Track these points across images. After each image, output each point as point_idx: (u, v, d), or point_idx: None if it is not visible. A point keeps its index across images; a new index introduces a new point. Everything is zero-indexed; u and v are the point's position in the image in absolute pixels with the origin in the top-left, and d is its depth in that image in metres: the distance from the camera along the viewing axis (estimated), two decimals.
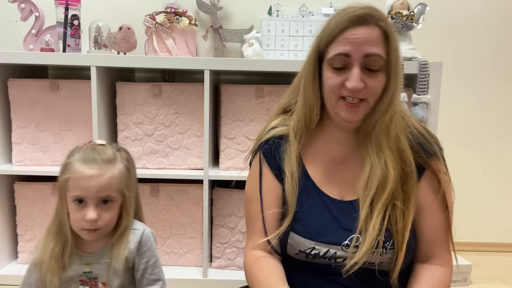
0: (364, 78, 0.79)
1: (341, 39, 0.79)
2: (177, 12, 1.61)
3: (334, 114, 0.85)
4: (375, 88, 0.81)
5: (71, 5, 1.52)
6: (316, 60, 0.84)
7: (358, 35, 0.78)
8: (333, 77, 0.81)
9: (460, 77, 1.96)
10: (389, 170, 0.82)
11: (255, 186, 0.92)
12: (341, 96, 0.81)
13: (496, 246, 2.06)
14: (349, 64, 0.80)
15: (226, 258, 1.63)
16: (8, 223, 1.62)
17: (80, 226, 0.87)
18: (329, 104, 0.84)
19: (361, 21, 0.78)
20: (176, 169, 1.60)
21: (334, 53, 0.80)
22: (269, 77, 1.77)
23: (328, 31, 0.81)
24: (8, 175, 1.58)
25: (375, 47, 0.78)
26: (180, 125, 1.58)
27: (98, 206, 0.87)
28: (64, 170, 0.89)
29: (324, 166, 0.91)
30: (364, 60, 0.79)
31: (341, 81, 0.80)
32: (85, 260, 0.92)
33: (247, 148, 1.58)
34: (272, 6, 1.71)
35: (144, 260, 0.94)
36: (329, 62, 0.81)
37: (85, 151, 0.89)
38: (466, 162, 1.99)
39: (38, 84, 1.57)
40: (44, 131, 1.59)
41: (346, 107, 0.82)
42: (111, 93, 1.60)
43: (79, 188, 0.86)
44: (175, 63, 1.51)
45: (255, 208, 0.91)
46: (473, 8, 1.92)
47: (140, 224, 0.97)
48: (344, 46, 0.78)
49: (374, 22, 0.79)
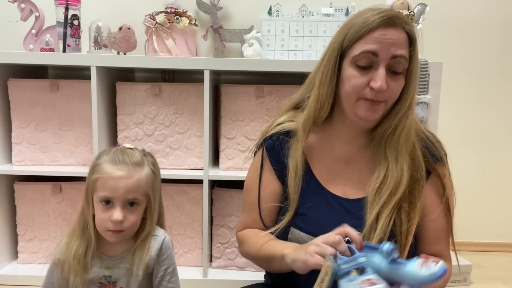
0: (387, 79, 0.79)
1: (370, 37, 0.79)
2: (177, 12, 1.61)
3: (351, 112, 0.84)
4: (397, 91, 0.82)
5: (71, 5, 1.52)
6: (337, 57, 0.83)
7: (388, 35, 0.78)
8: (357, 76, 0.81)
9: (460, 77, 1.96)
10: (404, 175, 0.83)
11: (255, 179, 0.96)
12: (362, 96, 0.81)
13: (496, 246, 2.06)
14: (374, 64, 0.80)
15: (226, 258, 1.63)
16: (8, 223, 1.62)
17: (106, 227, 0.88)
18: (347, 102, 0.84)
19: (391, 22, 0.79)
20: (176, 169, 1.60)
21: (361, 50, 0.79)
22: (269, 77, 1.77)
23: (355, 29, 0.81)
24: (8, 175, 1.58)
25: (402, 49, 0.80)
26: (180, 125, 1.58)
27: (124, 208, 0.88)
28: (93, 171, 0.90)
29: (328, 164, 0.91)
30: (390, 61, 0.79)
31: (365, 81, 0.80)
32: (106, 264, 0.93)
33: (247, 148, 1.58)
34: (272, 6, 1.71)
35: (163, 267, 0.96)
36: (354, 60, 0.81)
37: (114, 153, 0.91)
38: (466, 162, 1.99)
39: (38, 84, 1.57)
40: (44, 131, 1.59)
41: (367, 106, 0.81)
42: (111, 93, 1.60)
43: (107, 189, 0.87)
44: (175, 63, 1.51)
45: (251, 198, 0.96)
46: (473, 8, 1.92)
47: (161, 231, 0.99)
48: (373, 45, 0.79)
49: (401, 25, 0.80)
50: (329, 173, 0.91)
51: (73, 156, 1.60)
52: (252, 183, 0.97)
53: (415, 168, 0.85)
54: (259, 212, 0.94)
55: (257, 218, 0.95)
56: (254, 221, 0.96)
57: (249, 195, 0.97)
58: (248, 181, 0.99)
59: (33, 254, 1.62)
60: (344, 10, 1.71)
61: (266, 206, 0.93)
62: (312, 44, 1.69)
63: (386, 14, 0.79)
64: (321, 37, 1.69)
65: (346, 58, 0.82)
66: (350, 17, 0.85)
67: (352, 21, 0.83)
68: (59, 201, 1.60)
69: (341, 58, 0.84)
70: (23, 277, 1.53)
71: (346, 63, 0.83)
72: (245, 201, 1.00)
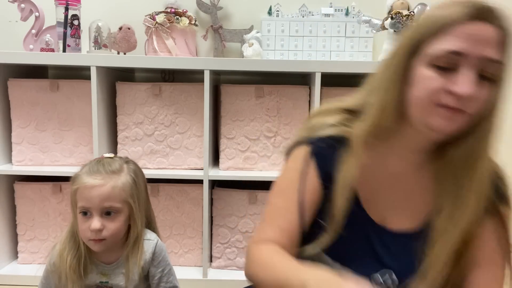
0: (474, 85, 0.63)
1: (455, 32, 0.63)
2: (177, 12, 1.61)
3: (420, 121, 0.68)
4: (483, 101, 0.65)
5: (71, 5, 1.52)
6: (410, 55, 0.68)
7: (479, 32, 0.63)
8: (435, 77, 0.65)
9: None
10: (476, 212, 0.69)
11: (293, 182, 0.75)
12: (438, 102, 0.65)
13: None
14: (457, 66, 0.64)
15: (226, 258, 1.63)
16: (8, 223, 1.62)
17: (87, 236, 0.89)
18: (419, 110, 0.67)
19: (482, 16, 0.63)
20: (176, 169, 1.60)
21: (443, 48, 0.64)
22: (269, 77, 1.77)
23: (435, 20, 0.65)
24: (8, 175, 1.58)
25: (496, 52, 0.63)
26: (180, 125, 1.58)
27: (102, 216, 0.88)
28: (72, 182, 0.92)
29: (373, 179, 0.76)
30: (479, 64, 0.63)
31: (444, 84, 0.64)
32: (102, 270, 0.94)
33: (247, 148, 1.59)
34: (272, 6, 1.71)
35: (160, 269, 0.98)
36: (431, 58, 0.65)
37: (91, 163, 0.93)
38: None
39: (38, 84, 1.57)
40: (44, 131, 1.59)
41: (445, 114, 0.65)
42: (111, 93, 1.60)
43: (83, 199, 0.88)
44: (175, 63, 1.51)
45: (284, 203, 0.75)
46: None
47: (153, 235, 1.00)
48: (459, 43, 0.63)
49: (497, 20, 0.64)
50: (371, 191, 0.76)
51: (73, 156, 1.60)
52: (289, 186, 0.76)
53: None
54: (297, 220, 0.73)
55: (288, 227, 0.73)
56: (282, 231, 0.73)
57: (281, 199, 0.76)
58: (282, 182, 0.78)
59: (33, 254, 1.62)
60: (344, 10, 1.71)
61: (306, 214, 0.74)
62: (312, 44, 1.69)
63: (477, 5, 0.63)
64: (321, 37, 1.69)
65: (420, 56, 0.67)
66: (428, 11, 0.69)
67: (432, 13, 0.67)
68: (59, 201, 1.60)
69: (412, 56, 0.68)
70: (23, 277, 1.53)
71: (419, 61, 0.67)
72: (273, 205, 0.77)
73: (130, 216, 0.93)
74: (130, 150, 1.59)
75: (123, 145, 1.59)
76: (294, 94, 1.56)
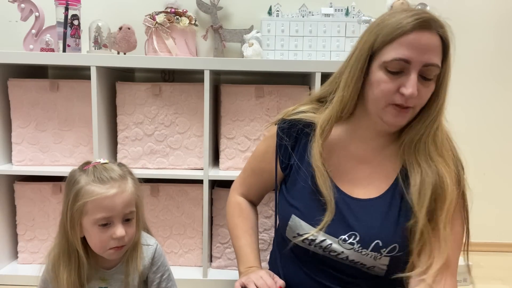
0: (418, 85, 0.77)
1: (403, 42, 0.76)
2: (177, 12, 1.61)
3: (377, 116, 0.82)
4: (426, 97, 0.80)
5: (71, 5, 1.52)
6: (366, 59, 0.80)
7: (422, 41, 0.75)
8: (388, 81, 0.78)
9: (459, 77, 1.94)
10: (443, 177, 0.81)
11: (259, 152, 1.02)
12: (392, 101, 0.79)
13: (496, 246, 2.06)
14: (405, 69, 0.77)
15: (226, 258, 1.63)
16: (8, 223, 1.62)
17: (108, 246, 0.87)
18: (375, 106, 0.82)
19: (426, 26, 0.75)
20: (176, 169, 1.60)
21: (394, 56, 0.76)
22: (269, 77, 1.77)
23: (387, 30, 0.77)
24: (8, 175, 1.58)
25: (435, 57, 0.77)
26: (180, 125, 1.58)
27: (123, 222, 0.87)
28: (76, 197, 0.86)
29: (339, 159, 0.90)
30: (422, 69, 0.77)
31: (396, 87, 0.78)
32: (101, 275, 0.93)
33: (247, 148, 1.59)
34: (272, 6, 1.71)
35: (159, 274, 0.97)
36: (385, 65, 0.78)
37: (95, 172, 0.88)
38: (466, 162, 1.98)
39: (38, 84, 1.57)
40: (44, 131, 1.59)
41: (396, 112, 0.80)
42: (111, 93, 1.60)
43: (104, 209, 0.85)
44: (175, 63, 1.51)
45: (255, 165, 1.03)
46: (472, 8, 1.92)
47: (152, 239, 0.99)
48: (406, 51, 0.76)
49: (436, 28, 0.77)
50: (338, 169, 0.89)
51: (73, 156, 1.60)
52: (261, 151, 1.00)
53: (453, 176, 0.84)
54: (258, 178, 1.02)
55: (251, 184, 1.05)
56: (248, 188, 1.06)
57: (254, 161, 1.04)
58: (255, 151, 1.04)
59: (33, 254, 1.62)
60: (344, 10, 1.71)
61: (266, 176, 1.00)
62: (312, 44, 1.69)
63: (422, 17, 0.75)
64: (321, 37, 1.69)
65: (376, 61, 0.80)
66: (382, 17, 0.81)
67: (384, 21, 0.79)
68: (59, 201, 1.59)
69: (370, 60, 0.81)
70: (23, 277, 1.53)
71: (375, 66, 0.80)
72: (248, 165, 1.06)
73: (135, 217, 0.93)
74: (130, 150, 1.59)
75: (123, 145, 1.59)
76: (294, 94, 1.56)
